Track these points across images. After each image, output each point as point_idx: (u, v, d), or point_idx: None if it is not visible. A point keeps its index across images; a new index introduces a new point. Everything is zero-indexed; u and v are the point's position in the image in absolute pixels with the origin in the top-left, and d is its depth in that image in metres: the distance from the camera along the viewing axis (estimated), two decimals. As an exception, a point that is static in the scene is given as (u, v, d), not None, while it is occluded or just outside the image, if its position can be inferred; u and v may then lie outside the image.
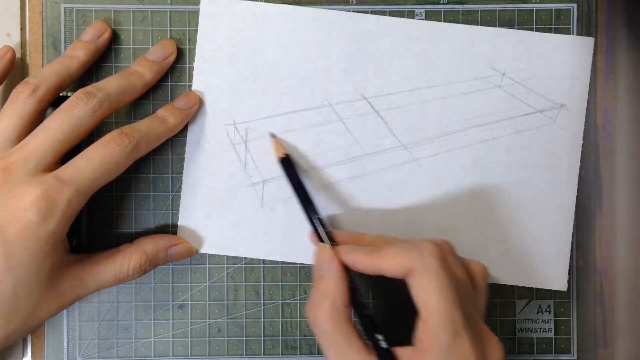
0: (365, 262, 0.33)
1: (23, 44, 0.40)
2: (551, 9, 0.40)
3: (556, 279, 0.40)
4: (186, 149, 0.40)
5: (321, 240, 0.36)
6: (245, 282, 0.40)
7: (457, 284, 0.32)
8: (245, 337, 0.40)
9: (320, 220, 0.36)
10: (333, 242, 0.35)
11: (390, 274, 0.32)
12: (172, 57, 0.39)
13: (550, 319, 0.41)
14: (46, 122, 0.34)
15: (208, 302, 0.40)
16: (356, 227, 0.40)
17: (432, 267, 0.31)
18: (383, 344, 0.32)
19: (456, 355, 0.30)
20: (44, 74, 0.36)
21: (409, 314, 0.32)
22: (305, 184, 0.37)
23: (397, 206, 0.40)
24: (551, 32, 0.40)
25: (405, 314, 0.33)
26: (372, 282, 0.40)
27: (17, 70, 0.39)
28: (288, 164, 0.38)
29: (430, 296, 0.31)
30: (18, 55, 0.39)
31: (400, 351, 0.32)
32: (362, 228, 0.40)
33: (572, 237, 0.40)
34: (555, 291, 0.41)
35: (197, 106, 0.39)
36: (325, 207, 0.40)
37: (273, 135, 0.39)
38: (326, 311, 0.32)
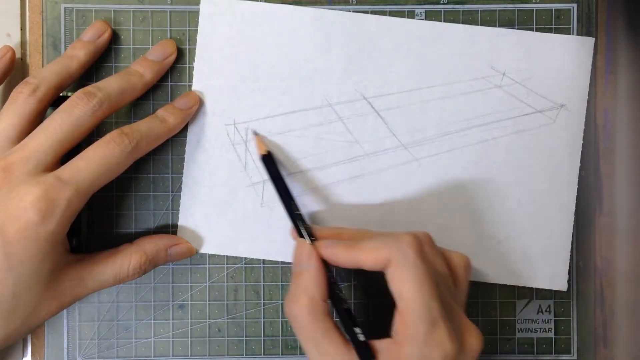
0: (344, 256, 0.33)
1: (23, 44, 0.40)
2: (551, 9, 0.40)
3: (556, 279, 0.40)
4: (186, 149, 0.40)
5: (301, 235, 0.36)
6: (245, 282, 0.40)
7: (434, 274, 0.32)
8: (245, 337, 0.40)
9: (300, 216, 0.36)
10: (313, 237, 0.35)
11: (369, 267, 0.33)
12: (172, 57, 0.39)
13: (550, 319, 0.41)
14: (46, 122, 0.34)
15: (208, 302, 0.40)
16: (355, 226, 0.40)
17: (408, 257, 0.31)
18: (361, 337, 0.32)
19: (433, 346, 0.30)
20: (44, 74, 0.36)
21: (388, 308, 0.32)
22: (286, 181, 0.38)
23: (396, 206, 0.40)
24: (551, 32, 0.40)
25: (384, 307, 0.33)
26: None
27: (17, 70, 0.39)
28: (269, 161, 0.38)
29: (406, 287, 0.31)
30: (18, 55, 0.39)
31: (378, 343, 0.32)
32: (365, 227, 0.40)
33: (572, 237, 0.40)
34: (555, 291, 0.41)
35: (197, 106, 0.39)
36: (323, 207, 0.40)
37: (255, 133, 0.39)
38: (304, 306, 0.32)
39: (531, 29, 0.40)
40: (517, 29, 0.40)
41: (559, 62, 0.40)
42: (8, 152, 0.34)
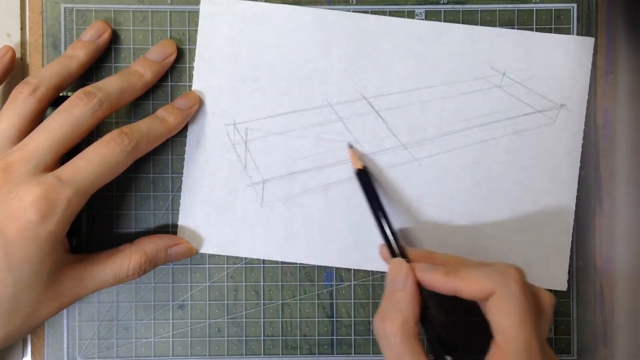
0: (443, 282, 0.33)
1: (23, 44, 0.40)
2: (551, 9, 0.40)
3: (556, 279, 0.40)
4: (186, 149, 0.40)
5: (393, 254, 0.36)
6: (245, 282, 0.40)
7: (533, 311, 0.32)
8: (245, 337, 0.40)
9: (394, 235, 0.36)
10: (406, 258, 0.35)
11: (467, 296, 0.32)
12: (172, 57, 0.39)
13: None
14: (46, 122, 0.34)
15: (208, 302, 0.40)
16: (359, 225, 0.40)
17: (513, 292, 0.31)
18: None
19: None
20: (44, 74, 0.36)
21: (474, 335, 0.32)
22: (380, 197, 0.37)
23: (396, 206, 0.40)
24: (551, 32, 0.40)
25: (469, 333, 0.33)
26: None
27: (17, 70, 0.39)
28: (364, 176, 0.38)
29: (508, 321, 0.31)
30: (18, 55, 0.39)
31: None
32: (365, 227, 0.40)
33: (572, 237, 0.40)
34: (555, 291, 0.41)
35: (197, 106, 0.39)
36: (322, 206, 0.40)
37: (350, 146, 0.39)
38: (397, 326, 0.32)
39: (531, 29, 0.40)
40: (517, 29, 0.40)
41: (559, 62, 0.40)
42: (8, 152, 0.34)
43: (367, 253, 0.40)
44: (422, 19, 0.40)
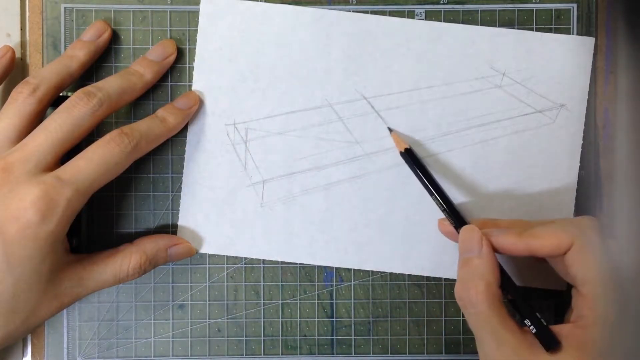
0: (517, 244, 0.33)
1: (23, 44, 0.40)
2: (551, 9, 0.40)
3: (556, 278, 0.40)
4: (186, 149, 0.40)
5: (455, 226, 0.36)
6: (245, 282, 0.40)
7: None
8: (245, 337, 0.40)
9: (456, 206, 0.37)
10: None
11: (543, 254, 0.32)
12: (172, 57, 0.39)
13: (551, 319, 0.41)
14: (46, 122, 0.34)
15: (208, 302, 0.40)
16: (356, 226, 0.40)
17: (593, 242, 0.31)
18: (543, 322, 0.32)
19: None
20: (44, 74, 0.36)
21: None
22: (432, 173, 0.38)
23: (396, 206, 0.40)
24: (551, 32, 0.40)
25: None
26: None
27: (17, 70, 0.39)
28: (412, 156, 0.38)
29: (593, 272, 0.31)
30: (18, 55, 0.39)
31: (559, 328, 0.32)
32: (365, 227, 0.40)
33: (572, 237, 0.40)
34: (555, 291, 0.41)
35: (197, 106, 0.39)
36: (323, 207, 0.40)
37: (391, 130, 0.39)
38: (482, 292, 0.32)
39: (531, 29, 0.40)
40: (517, 29, 0.40)
41: (559, 62, 0.40)
42: (8, 152, 0.34)
43: (367, 253, 0.40)
44: (422, 19, 0.40)
